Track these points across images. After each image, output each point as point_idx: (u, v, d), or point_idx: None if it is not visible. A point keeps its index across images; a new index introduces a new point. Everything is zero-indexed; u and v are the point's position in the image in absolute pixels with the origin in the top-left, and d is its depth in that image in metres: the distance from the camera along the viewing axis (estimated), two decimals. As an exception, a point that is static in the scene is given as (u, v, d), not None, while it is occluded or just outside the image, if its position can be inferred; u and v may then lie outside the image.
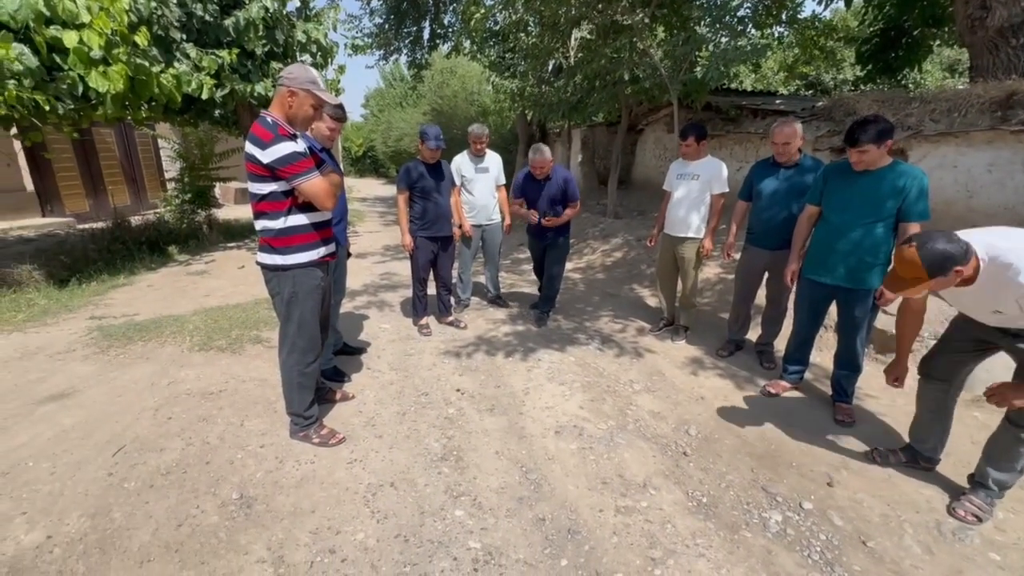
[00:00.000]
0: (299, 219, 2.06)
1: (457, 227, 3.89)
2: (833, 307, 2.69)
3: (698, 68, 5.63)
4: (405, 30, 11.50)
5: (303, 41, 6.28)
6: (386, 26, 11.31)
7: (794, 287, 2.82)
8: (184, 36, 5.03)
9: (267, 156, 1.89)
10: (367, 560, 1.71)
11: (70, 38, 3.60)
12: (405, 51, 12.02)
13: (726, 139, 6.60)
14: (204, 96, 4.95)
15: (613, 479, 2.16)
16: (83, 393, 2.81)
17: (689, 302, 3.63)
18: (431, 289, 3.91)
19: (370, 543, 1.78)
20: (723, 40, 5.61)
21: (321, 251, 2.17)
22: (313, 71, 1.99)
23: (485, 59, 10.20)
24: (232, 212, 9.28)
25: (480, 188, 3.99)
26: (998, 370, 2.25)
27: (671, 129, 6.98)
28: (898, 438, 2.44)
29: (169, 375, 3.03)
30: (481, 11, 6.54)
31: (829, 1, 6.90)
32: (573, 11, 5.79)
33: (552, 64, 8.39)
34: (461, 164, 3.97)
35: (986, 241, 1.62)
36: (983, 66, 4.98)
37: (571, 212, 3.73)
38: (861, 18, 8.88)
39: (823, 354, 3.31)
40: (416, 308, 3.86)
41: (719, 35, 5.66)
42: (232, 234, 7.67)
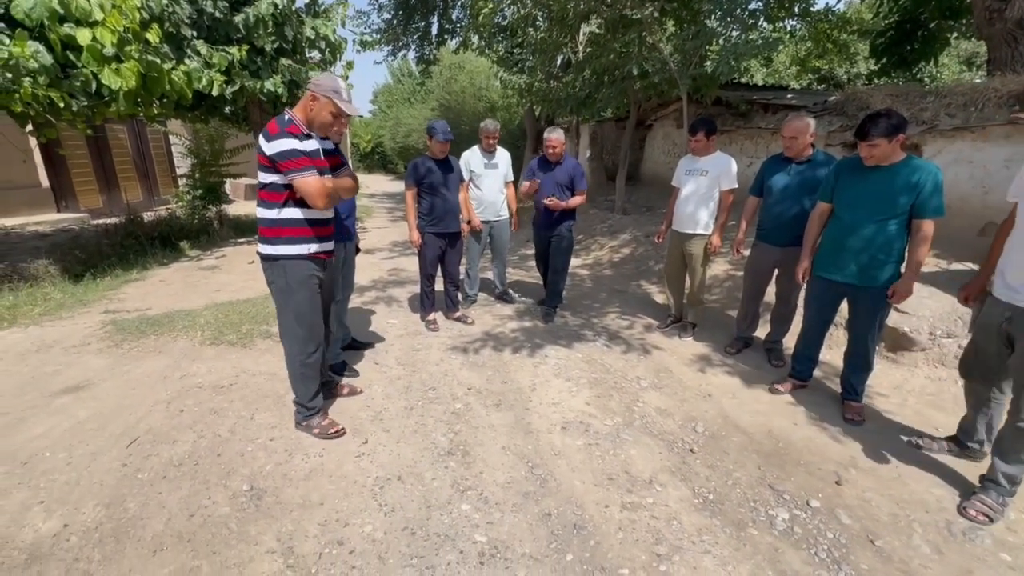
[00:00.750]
0: (294, 212, 2.13)
1: (466, 223, 3.90)
2: (844, 304, 2.66)
3: (708, 62, 5.55)
4: (413, 25, 11.53)
5: (312, 37, 6.31)
6: (394, 22, 11.35)
7: (804, 284, 2.80)
8: (195, 33, 5.08)
9: (270, 148, 2.01)
10: (375, 552, 1.73)
11: (84, 36, 3.65)
12: (413, 47, 12.06)
13: (736, 134, 6.52)
14: (214, 92, 5.00)
15: (619, 475, 2.16)
16: (98, 386, 2.86)
17: (697, 299, 3.61)
18: (439, 285, 3.92)
19: (378, 535, 1.80)
20: (734, 34, 5.52)
21: (313, 247, 2.20)
22: (340, 82, 2.11)
23: (493, 54, 10.19)
24: (242, 208, 9.38)
25: (489, 184, 3.99)
26: None
27: (680, 124, 6.92)
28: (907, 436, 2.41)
29: (181, 368, 3.08)
30: (489, 6, 6.50)
31: (843, -7, 6.80)
32: (582, 5, 5.75)
33: (560, 59, 8.35)
34: (471, 159, 3.97)
35: None
36: (1001, 59, 4.87)
37: (577, 200, 3.73)
38: (876, 10, 8.73)
39: (832, 351, 3.27)
40: (424, 304, 3.88)
41: (730, 29, 5.58)
42: (242, 230, 7.75)
